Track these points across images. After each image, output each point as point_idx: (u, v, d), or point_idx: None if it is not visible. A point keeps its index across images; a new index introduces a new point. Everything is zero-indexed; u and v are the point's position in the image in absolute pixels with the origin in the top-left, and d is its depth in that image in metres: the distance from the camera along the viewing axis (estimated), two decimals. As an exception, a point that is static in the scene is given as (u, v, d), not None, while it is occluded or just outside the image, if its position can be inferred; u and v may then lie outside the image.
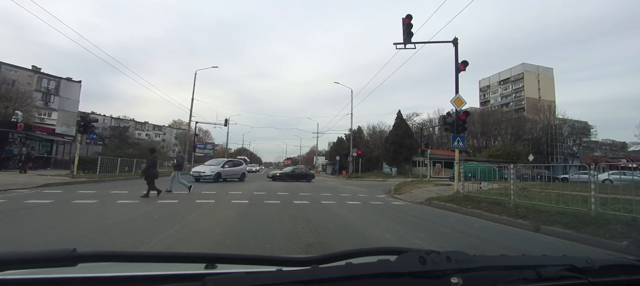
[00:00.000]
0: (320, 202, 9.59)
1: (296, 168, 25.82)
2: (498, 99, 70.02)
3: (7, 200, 7.59)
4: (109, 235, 4.58)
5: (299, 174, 23.66)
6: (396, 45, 11.78)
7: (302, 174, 23.93)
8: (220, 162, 20.28)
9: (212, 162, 20.77)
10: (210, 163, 19.81)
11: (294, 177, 22.35)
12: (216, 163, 19.87)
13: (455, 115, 11.18)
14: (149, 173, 9.44)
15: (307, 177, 23.76)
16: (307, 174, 24.47)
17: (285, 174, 22.53)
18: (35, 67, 43.36)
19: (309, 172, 25.69)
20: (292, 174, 22.84)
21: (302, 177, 23.43)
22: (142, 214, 6.28)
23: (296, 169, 25.36)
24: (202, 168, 18.49)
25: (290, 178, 22.07)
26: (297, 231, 5.21)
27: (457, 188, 10.72)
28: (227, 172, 19.32)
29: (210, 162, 20.42)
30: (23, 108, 30.69)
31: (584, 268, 0.83)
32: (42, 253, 0.68)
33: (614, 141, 56.03)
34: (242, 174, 20.83)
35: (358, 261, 0.79)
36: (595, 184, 6.36)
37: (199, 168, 18.59)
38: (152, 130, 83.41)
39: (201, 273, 0.81)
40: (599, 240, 5.03)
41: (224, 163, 19.79)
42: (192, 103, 31.75)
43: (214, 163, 19.76)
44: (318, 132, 51.08)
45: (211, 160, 22.27)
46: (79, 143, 16.74)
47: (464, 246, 4.47)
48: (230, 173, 19.62)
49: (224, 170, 18.90)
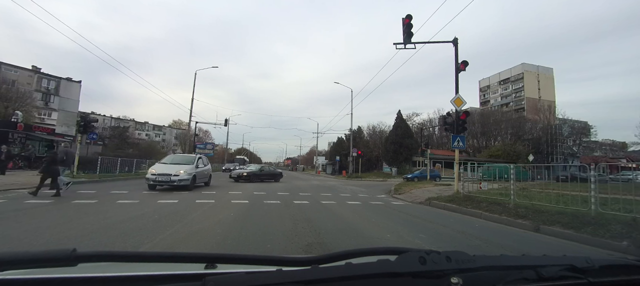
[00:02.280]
0: (320, 202, 9.59)
1: (264, 167, 23.73)
2: (498, 99, 70.02)
3: (7, 200, 7.59)
4: (109, 235, 4.58)
5: (268, 173, 21.95)
6: (396, 45, 11.77)
7: (270, 173, 22.28)
8: (189, 158, 13.66)
9: (178, 157, 14.26)
10: (179, 161, 13.06)
11: (260, 176, 20.42)
12: (186, 160, 13.19)
13: (455, 115, 11.18)
14: (49, 169, 8.76)
15: (276, 176, 22.29)
16: (275, 173, 22.89)
17: (253, 174, 20.10)
18: (35, 67, 43.34)
19: (276, 171, 24.03)
20: (260, 174, 20.87)
21: (271, 176, 21.79)
22: (142, 214, 6.28)
23: (264, 167, 23.45)
24: (166, 169, 11.77)
25: (258, 178, 19.98)
26: (297, 231, 5.21)
27: (457, 188, 10.71)
28: (201, 174, 13.50)
29: (175, 159, 13.66)
30: (23, 108, 30.70)
31: (584, 268, 0.83)
32: (42, 253, 0.68)
33: (614, 141, 56.10)
34: (210, 176, 14.99)
35: (358, 261, 0.79)
36: (595, 184, 6.36)
37: (161, 169, 11.77)
38: (152, 130, 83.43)
39: (201, 273, 0.81)
40: (599, 240, 5.03)
41: (196, 160, 13.35)
42: (192, 103, 31.70)
43: (183, 161, 13.14)
44: (318, 132, 51.23)
45: (175, 156, 15.47)
46: (79, 143, 16.77)
47: (464, 246, 4.48)
48: (202, 176, 13.68)
49: (198, 172, 12.93)
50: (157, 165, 12.51)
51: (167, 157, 14.30)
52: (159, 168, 11.84)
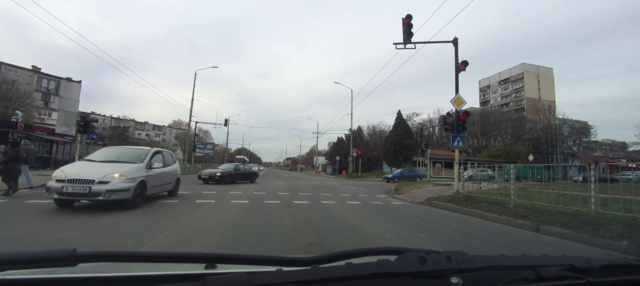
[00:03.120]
0: (320, 202, 9.59)
1: (239, 166, 20.27)
2: (498, 99, 70.02)
3: (7, 200, 7.59)
4: (108, 235, 4.58)
5: (242, 173, 19.28)
6: (396, 45, 11.77)
7: (245, 173, 19.63)
8: (136, 153, 8.45)
9: (117, 152, 8.53)
10: (116, 157, 7.89)
11: (235, 176, 18.09)
12: (129, 156, 8.08)
13: (455, 115, 11.18)
14: (8, 168, 8.29)
15: (251, 176, 20.02)
16: (250, 173, 20.39)
17: (227, 174, 17.44)
18: (35, 67, 43.35)
19: (251, 170, 21.59)
20: (234, 174, 18.26)
21: (245, 177, 19.35)
22: (142, 214, 6.28)
23: (239, 167, 20.08)
24: (87, 170, 6.84)
25: (232, 178, 17.61)
26: (297, 231, 5.21)
27: (457, 188, 10.72)
28: (157, 178, 8.37)
29: (111, 154, 8.24)
30: (23, 108, 30.72)
31: (584, 268, 0.83)
32: (42, 253, 0.68)
33: (614, 141, 56.07)
34: (177, 182, 9.93)
35: (358, 261, 0.79)
36: (595, 184, 6.36)
37: (76, 171, 6.77)
38: (152, 130, 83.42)
39: (201, 273, 0.81)
40: (599, 240, 5.03)
41: (149, 156, 8.14)
42: (192, 103, 31.73)
43: (124, 156, 8.01)
44: (318, 132, 51.25)
45: (112, 149, 9.20)
46: (79, 143, 16.76)
47: (464, 246, 4.48)
48: (159, 182, 8.60)
49: (151, 175, 7.85)
50: (71, 166, 7.33)
51: (97, 152, 8.49)
52: (72, 170, 6.73)
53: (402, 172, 27.75)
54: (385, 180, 25.05)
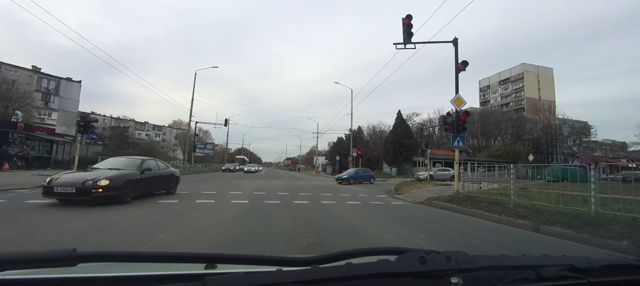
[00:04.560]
0: (320, 202, 9.59)
1: (147, 163, 9.85)
2: (498, 99, 70.04)
3: (7, 200, 7.59)
4: (108, 235, 4.58)
5: (152, 179, 9.62)
6: (396, 45, 11.77)
7: (157, 178, 10.00)
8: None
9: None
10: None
11: (141, 185, 8.68)
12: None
13: (455, 115, 11.18)
14: None
15: (168, 183, 10.77)
16: (167, 176, 10.62)
17: (125, 182, 8.06)
18: (35, 67, 43.34)
19: (169, 171, 8.84)
20: (140, 181, 8.82)
21: (156, 184, 9.95)
22: (142, 214, 6.28)
23: (148, 164, 9.88)
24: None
25: (136, 189, 8.36)
26: (297, 231, 5.21)
27: (457, 188, 10.72)
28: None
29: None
30: (23, 108, 30.71)
31: (584, 268, 0.83)
32: (42, 253, 0.68)
33: (614, 141, 56.09)
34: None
35: (358, 261, 0.79)
36: (595, 184, 6.36)
37: None
38: (152, 130, 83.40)
39: (201, 273, 0.81)
40: (599, 240, 5.03)
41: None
42: (192, 103, 31.74)
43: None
44: (318, 132, 51.17)
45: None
46: (79, 143, 16.76)
47: (464, 246, 4.48)
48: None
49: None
50: None
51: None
52: None
53: (356, 172, 24.57)
54: (338, 181, 22.28)
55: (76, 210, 6.51)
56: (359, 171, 24.73)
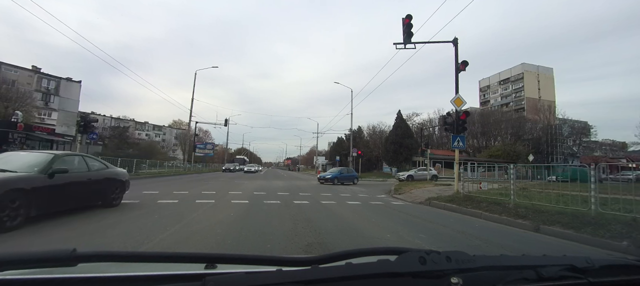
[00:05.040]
0: (320, 202, 9.59)
1: (63, 159, 5.92)
2: (498, 99, 70.03)
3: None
4: (108, 235, 4.58)
5: (75, 185, 5.94)
6: (396, 45, 11.77)
7: (83, 184, 6.19)
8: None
9: None
10: None
11: (54, 194, 5.49)
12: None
13: (455, 115, 11.19)
14: None
15: (104, 192, 6.75)
16: (97, 182, 6.33)
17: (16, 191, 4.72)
18: (35, 67, 43.35)
19: (114, 173, 6.08)
20: (49, 188, 5.25)
21: (83, 193, 6.30)
22: (142, 214, 6.28)
23: (63, 160, 5.90)
24: None
25: (41, 204, 5.17)
26: (297, 231, 5.21)
27: (457, 188, 10.72)
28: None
29: None
30: (23, 108, 30.74)
31: (584, 268, 0.83)
32: (42, 253, 0.68)
33: (614, 141, 56.12)
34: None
35: (358, 261, 0.79)
36: (595, 184, 6.36)
37: None
38: (152, 130, 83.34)
39: (201, 273, 0.81)
40: (599, 240, 5.03)
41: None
42: (192, 103, 31.75)
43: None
44: (318, 132, 50.96)
45: None
46: (79, 143, 16.79)
47: (464, 246, 4.48)
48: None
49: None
50: None
51: None
52: None
53: (340, 171, 23.66)
54: (320, 180, 21.52)
55: (75, 210, 5.94)
56: (343, 171, 24.00)
